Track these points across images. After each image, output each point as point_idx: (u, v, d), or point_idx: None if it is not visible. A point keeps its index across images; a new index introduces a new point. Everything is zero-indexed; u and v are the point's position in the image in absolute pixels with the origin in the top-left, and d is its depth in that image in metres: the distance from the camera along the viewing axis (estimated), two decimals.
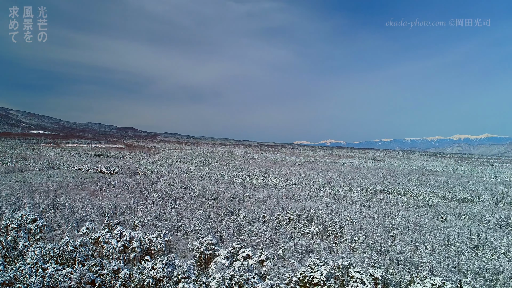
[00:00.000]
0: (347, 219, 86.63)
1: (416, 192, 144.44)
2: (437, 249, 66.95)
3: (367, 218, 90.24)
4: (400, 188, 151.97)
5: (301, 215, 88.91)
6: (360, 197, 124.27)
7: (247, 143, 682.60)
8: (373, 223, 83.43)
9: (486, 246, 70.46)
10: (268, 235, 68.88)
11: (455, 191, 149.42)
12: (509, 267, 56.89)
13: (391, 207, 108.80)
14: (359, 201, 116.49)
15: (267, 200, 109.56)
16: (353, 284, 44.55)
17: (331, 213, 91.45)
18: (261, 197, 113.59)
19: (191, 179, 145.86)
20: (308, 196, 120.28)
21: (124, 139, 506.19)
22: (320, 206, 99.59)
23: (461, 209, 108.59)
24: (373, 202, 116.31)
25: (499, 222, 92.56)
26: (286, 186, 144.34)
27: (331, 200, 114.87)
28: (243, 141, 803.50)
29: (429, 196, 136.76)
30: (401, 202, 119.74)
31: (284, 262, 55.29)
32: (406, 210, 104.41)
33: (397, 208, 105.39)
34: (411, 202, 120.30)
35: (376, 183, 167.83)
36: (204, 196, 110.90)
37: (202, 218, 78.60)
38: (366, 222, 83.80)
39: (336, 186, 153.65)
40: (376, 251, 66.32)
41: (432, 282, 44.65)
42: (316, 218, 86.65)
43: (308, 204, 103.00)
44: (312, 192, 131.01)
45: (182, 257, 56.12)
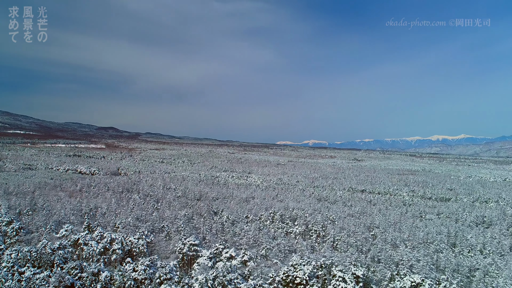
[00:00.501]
0: (330, 219, 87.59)
1: (396, 192, 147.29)
2: (416, 247, 68.45)
3: (349, 217, 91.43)
4: (381, 188, 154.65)
5: (284, 215, 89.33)
6: (342, 197, 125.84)
7: (230, 143, 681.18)
8: (354, 222, 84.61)
9: (463, 244, 72.51)
10: (251, 235, 68.91)
11: (434, 190, 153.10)
12: (484, 264, 58.71)
13: (372, 206, 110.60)
14: (341, 201, 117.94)
15: (250, 200, 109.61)
16: (335, 282, 45.07)
17: (314, 212, 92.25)
18: (244, 197, 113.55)
19: (173, 180, 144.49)
20: (291, 196, 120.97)
21: (104, 139, 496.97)
22: (303, 206, 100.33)
23: (439, 208, 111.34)
24: (355, 201, 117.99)
25: (475, 220, 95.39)
26: (269, 186, 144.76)
27: (313, 200, 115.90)
28: (226, 141, 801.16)
29: (409, 196, 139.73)
30: (382, 201, 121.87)
31: (267, 262, 55.42)
32: (386, 209, 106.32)
33: (378, 207, 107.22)
34: (391, 201, 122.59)
35: (357, 183, 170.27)
36: (187, 197, 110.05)
37: (185, 219, 77.94)
38: (348, 221, 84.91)
39: (319, 186, 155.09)
40: (358, 250, 67.29)
41: (411, 280, 45.67)
42: (299, 217, 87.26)
43: (291, 204, 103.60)
44: (295, 192, 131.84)
45: (164, 259, 55.51)
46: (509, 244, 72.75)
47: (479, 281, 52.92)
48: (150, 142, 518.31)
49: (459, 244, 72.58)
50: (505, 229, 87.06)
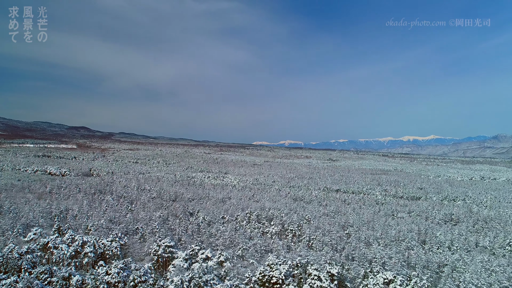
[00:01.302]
0: (305, 218, 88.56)
1: (369, 191, 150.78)
2: (388, 245, 70.35)
3: (324, 216, 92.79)
4: (355, 187, 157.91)
5: (260, 215, 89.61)
6: (317, 197, 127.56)
7: (207, 144, 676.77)
8: (329, 222, 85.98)
9: (432, 241, 75.12)
10: (227, 235, 68.71)
11: (405, 189, 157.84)
12: (452, 260, 61.06)
13: (346, 205, 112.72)
14: (317, 200, 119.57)
15: (227, 201, 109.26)
16: (311, 281, 45.63)
17: (290, 212, 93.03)
18: (220, 197, 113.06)
19: (148, 181, 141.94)
20: (267, 196, 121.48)
21: (76, 139, 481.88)
22: (279, 206, 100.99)
23: (410, 206, 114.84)
24: (330, 201, 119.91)
25: (444, 218, 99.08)
26: (245, 187, 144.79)
27: (289, 200, 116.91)
28: (202, 141, 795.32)
29: (382, 195, 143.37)
30: (356, 200, 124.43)
31: (243, 262, 55.44)
32: (360, 208, 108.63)
33: (352, 207, 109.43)
34: (365, 200, 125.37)
35: (332, 182, 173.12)
36: (162, 198, 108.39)
37: (160, 220, 76.77)
38: (323, 221, 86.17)
39: (295, 186, 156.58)
40: (333, 249, 68.44)
41: (384, 277, 46.86)
42: (275, 217, 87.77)
43: (267, 204, 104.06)
44: (271, 192, 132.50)
45: (139, 261, 54.55)
46: (475, 240, 76.00)
47: (447, 276, 54.96)
48: (124, 142, 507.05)
49: (429, 241, 75.13)
50: (471, 226, 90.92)
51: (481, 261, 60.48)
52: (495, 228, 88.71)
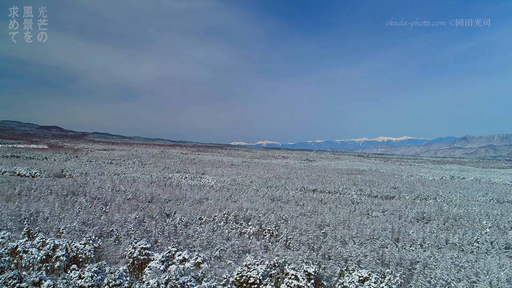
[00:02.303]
0: (283, 218, 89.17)
1: (345, 191, 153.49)
2: (364, 243, 71.83)
3: (301, 216, 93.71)
4: (331, 187, 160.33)
5: (238, 216, 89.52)
6: (294, 196, 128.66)
7: (184, 144, 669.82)
8: (306, 221, 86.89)
9: (405, 239, 77.29)
10: (205, 236, 68.25)
11: (379, 189, 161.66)
12: (424, 257, 63.07)
13: (323, 205, 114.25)
14: (294, 200, 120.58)
15: (204, 202, 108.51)
16: (288, 280, 46.00)
17: (267, 212, 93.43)
18: (198, 198, 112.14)
19: (123, 181, 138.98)
20: (245, 197, 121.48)
21: (47, 139, 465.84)
22: (257, 206, 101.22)
23: (385, 205, 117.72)
24: (307, 201, 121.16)
25: (416, 216, 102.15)
26: (223, 187, 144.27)
27: (267, 200, 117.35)
28: (179, 141, 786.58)
29: (357, 194, 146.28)
30: (332, 200, 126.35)
31: (221, 263, 55.21)
32: (336, 207, 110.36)
33: (329, 206, 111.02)
34: (341, 200, 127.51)
35: (309, 182, 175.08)
36: (138, 199, 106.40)
37: (136, 222, 75.35)
38: (300, 220, 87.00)
39: (272, 186, 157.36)
40: (310, 248, 69.22)
41: (359, 275, 47.88)
42: (253, 218, 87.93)
43: (245, 204, 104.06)
44: (249, 193, 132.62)
45: (113, 264, 53.31)
46: (445, 237, 78.79)
47: (419, 273, 56.70)
48: (98, 142, 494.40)
49: (402, 239, 77.24)
50: (442, 223, 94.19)
51: (451, 258, 62.81)
52: (464, 225, 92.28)
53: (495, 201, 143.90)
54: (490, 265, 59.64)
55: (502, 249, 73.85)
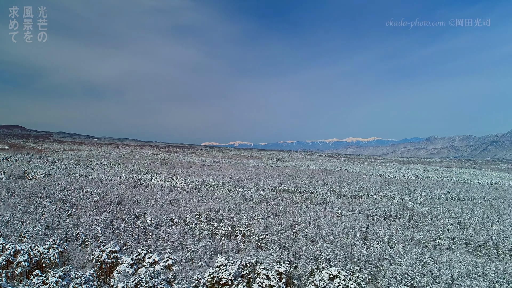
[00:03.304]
0: (254, 218, 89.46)
1: (316, 190, 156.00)
2: (334, 242, 73.33)
3: (273, 216, 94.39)
4: (302, 187, 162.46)
5: (209, 217, 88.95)
6: (266, 197, 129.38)
7: (154, 144, 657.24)
8: (278, 221, 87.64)
9: (373, 237, 79.60)
10: (176, 238, 67.32)
11: (349, 188, 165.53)
12: (390, 254, 65.22)
13: (294, 205, 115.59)
14: (266, 201, 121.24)
15: (175, 203, 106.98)
16: (259, 280, 46.23)
17: (239, 213, 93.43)
18: (168, 199, 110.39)
19: (90, 183, 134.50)
20: (216, 197, 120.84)
21: (8, 139, 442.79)
22: (229, 207, 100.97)
23: (354, 204, 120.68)
24: (278, 201, 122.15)
25: (383, 214, 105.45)
26: (194, 188, 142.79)
27: (239, 201, 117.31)
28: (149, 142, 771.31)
29: (327, 194, 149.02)
30: (303, 200, 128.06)
31: (192, 265, 54.69)
32: (307, 207, 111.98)
33: (300, 206, 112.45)
34: (311, 199, 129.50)
35: (281, 182, 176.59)
36: (106, 201, 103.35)
37: (104, 225, 73.18)
38: (272, 220, 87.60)
39: (244, 186, 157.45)
40: (281, 248, 69.86)
41: (329, 273, 48.87)
42: (225, 218, 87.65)
43: (216, 205, 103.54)
44: (220, 193, 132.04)
45: (80, 268, 51.63)
46: (410, 235, 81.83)
47: (386, 269, 58.62)
48: (64, 142, 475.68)
49: (370, 237, 79.49)
50: (407, 221, 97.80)
51: (416, 254, 65.37)
52: (427, 223, 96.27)
53: (456, 199, 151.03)
54: (451, 260, 62.60)
55: (462, 244, 77.62)
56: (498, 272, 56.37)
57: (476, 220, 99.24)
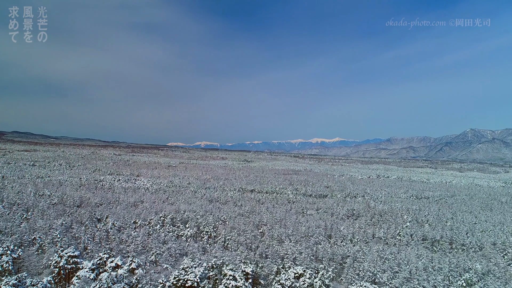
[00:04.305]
0: (221, 219, 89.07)
1: (282, 190, 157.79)
2: (299, 241, 74.50)
3: (239, 217, 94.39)
4: (268, 187, 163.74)
5: (175, 218, 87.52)
6: (233, 197, 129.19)
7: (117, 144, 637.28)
8: (244, 221, 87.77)
9: (337, 235, 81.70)
10: (139, 241, 65.65)
11: (314, 188, 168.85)
12: (353, 251, 67.29)
13: (260, 205, 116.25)
14: (232, 201, 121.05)
15: (139, 205, 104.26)
16: (226, 281, 46.10)
17: (206, 214, 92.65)
18: (132, 201, 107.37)
19: (48, 185, 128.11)
20: (182, 199, 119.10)
21: None
22: (195, 208, 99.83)
23: (318, 203, 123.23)
24: (245, 201, 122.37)
25: (346, 213, 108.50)
26: (159, 189, 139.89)
27: (205, 201, 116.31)
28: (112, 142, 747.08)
29: (293, 194, 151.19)
30: (269, 200, 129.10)
31: (157, 268, 53.56)
32: (273, 207, 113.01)
33: (266, 206, 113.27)
34: (278, 199, 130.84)
35: (247, 183, 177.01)
36: (65, 204, 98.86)
37: (62, 229, 69.96)
38: (238, 221, 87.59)
39: (211, 187, 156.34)
40: (248, 248, 70.04)
41: (295, 271, 49.61)
42: (191, 220, 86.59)
43: (182, 206, 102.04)
44: (186, 194, 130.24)
45: (36, 275, 49.13)
46: (372, 232, 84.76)
47: (349, 266, 60.40)
48: (18, 142, 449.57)
49: (334, 235, 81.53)
50: (369, 219, 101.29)
51: (377, 251, 67.84)
52: (388, 220, 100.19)
53: (414, 197, 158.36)
54: (410, 256, 65.55)
55: (420, 240, 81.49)
56: (452, 266, 59.79)
57: (432, 217, 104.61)
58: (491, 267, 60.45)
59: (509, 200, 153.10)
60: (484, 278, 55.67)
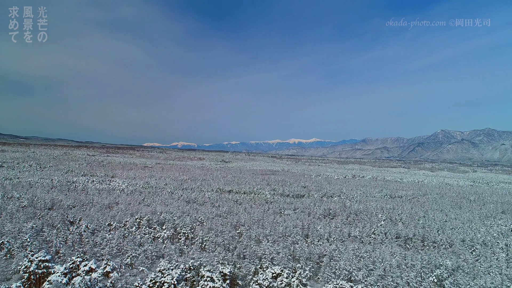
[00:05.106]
0: (198, 220, 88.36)
1: (259, 191, 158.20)
2: (277, 241, 74.90)
3: (217, 217, 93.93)
4: (246, 188, 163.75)
5: (151, 220, 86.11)
6: (210, 198, 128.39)
7: (91, 145, 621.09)
8: (222, 222, 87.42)
9: (314, 234, 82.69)
10: (114, 243, 64.20)
11: (291, 188, 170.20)
12: (330, 250, 68.31)
13: (238, 205, 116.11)
14: (210, 202, 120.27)
15: (114, 207, 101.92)
16: (203, 283, 45.81)
17: (183, 215, 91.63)
18: (106, 203, 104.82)
19: (17, 187, 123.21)
20: (159, 200, 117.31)
21: None
22: (172, 209, 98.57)
23: (296, 203, 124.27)
24: (223, 202, 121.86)
25: (323, 213, 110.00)
26: (135, 190, 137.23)
27: (182, 203, 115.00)
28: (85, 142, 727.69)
29: (271, 194, 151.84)
30: (247, 200, 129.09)
31: (133, 271, 52.57)
32: (251, 207, 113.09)
33: (244, 206, 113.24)
34: (255, 200, 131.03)
35: (225, 183, 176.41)
36: (35, 206, 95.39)
37: (33, 232, 67.47)
38: (216, 222, 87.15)
39: (188, 188, 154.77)
40: (225, 249, 69.78)
41: (272, 271, 49.87)
42: (167, 221, 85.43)
43: (159, 207, 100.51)
44: (163, 195, 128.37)
45: (4, 281, 47.21)
46: (348, 231, 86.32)
47: (326, 265, 61.27)
48: None
49: (311, 235, 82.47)
50: (345, 219, 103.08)
51: (353, 249, 69.15)
52: (363, 219, 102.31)
53: (388, 196, 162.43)
54: (384, 253, 67.20)
55: (393, 238, 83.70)
56: (424, 263, 61.78)
57: (405, 216, 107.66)
58: (460, 263, 62.89)
59: (477, 199, 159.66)
60: (454, 273, 57.82)
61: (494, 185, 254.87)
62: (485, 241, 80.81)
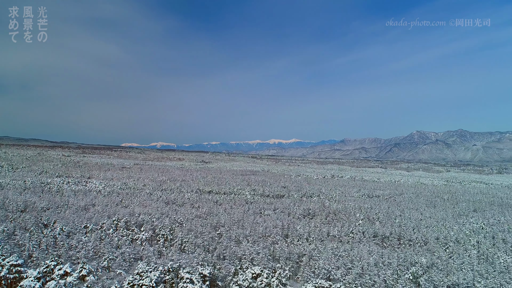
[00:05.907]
0: (178, 221, 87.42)
1: (240, 191, 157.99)
2: (257, 241, 75.04)
3: (197, 218, 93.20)
4: (226, 188, 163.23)
5: (129, 222, 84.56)
6: (190, 199, 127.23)
7: (66, 145, 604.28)
8: (202, 223, 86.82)
9: (293, 234, 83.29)
10: (91, 246, 62.69)
11: (271, 188, 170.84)
12: (309, 249, 69.02)
13: (218, 206, 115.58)
14: (189, 203, 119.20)
15: (90, 208, 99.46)
16: (182, 284, 45.36)
17: (162, 216, 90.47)
18: (82, 205, 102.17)
19: None
20: (137, 201, 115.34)
21: None
22: (150, 211, 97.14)
23: (276, 204, 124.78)
24: (202, 202, 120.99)
25: (303, 212, 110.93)
26: (112, 192, 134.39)
27: (161, 204, 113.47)
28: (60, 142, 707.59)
29: (251, 194, 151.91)
30: (227, 201, 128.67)
31: (110, 274, 51.50)
32: (231, 208, 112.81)
33: (224, 207, 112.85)
34: (235, 200, 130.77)
35: (205, 184, 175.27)
36: (7, 209, 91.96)
37: (4, 236, 65.08)
38: (195, 223, 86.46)
39: (167, 189, 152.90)
40: (205, 250, 69.35)
41: (252, 272, 49.92)
42: (146, 223, 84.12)
43: (137, 209, 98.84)
44: (141, 197, 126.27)
45: None
46: (327, 231, 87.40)
47: (305, 265, 61.87)
48: None
49: (291, 235, 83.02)
50: (324, 218, 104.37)
51: (332, 249, 70.13)
52: (342, 219, 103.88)
53: (366, 196, 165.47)
54: (362, 252, 68.44)
55: (371, 237, 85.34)
56: (400, 261, 63.30)
57: (383, 215, 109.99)
58: (434, 260, 64.80)
59: (451, 198, 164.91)
60: (429, 270, 59.53)
61: (466, 184, 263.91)
62: (458, 239, 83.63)
